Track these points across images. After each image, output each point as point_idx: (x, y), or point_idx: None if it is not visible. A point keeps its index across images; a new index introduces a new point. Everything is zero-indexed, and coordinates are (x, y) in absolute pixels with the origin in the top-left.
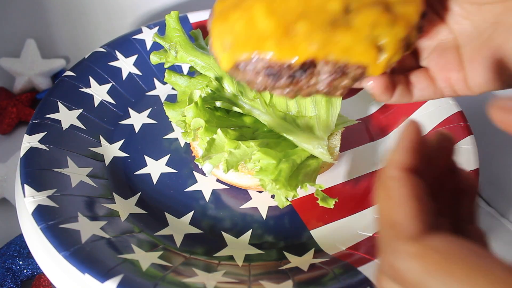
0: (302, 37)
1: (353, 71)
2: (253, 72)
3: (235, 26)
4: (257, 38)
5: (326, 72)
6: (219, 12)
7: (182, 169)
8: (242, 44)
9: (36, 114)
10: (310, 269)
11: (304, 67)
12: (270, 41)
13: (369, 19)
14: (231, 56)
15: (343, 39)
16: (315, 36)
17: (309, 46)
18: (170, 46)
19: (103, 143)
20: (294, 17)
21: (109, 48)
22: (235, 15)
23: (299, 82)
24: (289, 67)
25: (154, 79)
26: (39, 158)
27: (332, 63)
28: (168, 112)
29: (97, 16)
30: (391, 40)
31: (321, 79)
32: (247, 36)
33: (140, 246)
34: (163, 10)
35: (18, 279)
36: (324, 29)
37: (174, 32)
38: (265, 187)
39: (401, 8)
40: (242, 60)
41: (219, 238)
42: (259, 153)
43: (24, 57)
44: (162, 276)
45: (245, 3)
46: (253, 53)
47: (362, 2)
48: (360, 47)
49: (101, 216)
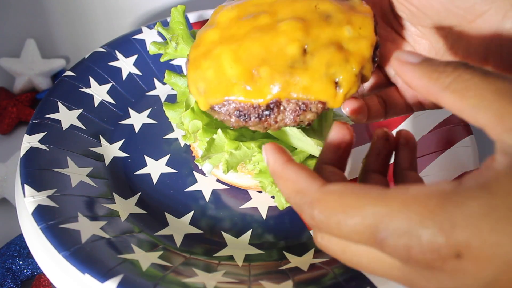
0: (266, 80)
1: (315, 106)
2: (226, 113)
3: (206, 73)
4: (226, 84)
5: (291, 109)
6: (193, 58)
7: (182, 169)
8: (214, 90)
9: (36, 114)
10: (310, 269)
11: (270, 107)
12: (237, 87)
13: (325, 59)
14: (206, 100)
15: (302, 79)
16: (277, 78)
17: (272, 89)
18: (171, 38)
19: (103, 143)
20: (258, 63)
21: (109, 48)
22: (206, 63)
23: (267, 120)
24: (257, 108)
25: (154, 79)
26: (39, 158)
27: (295, 101)
28: (168, 113)
29: (97, 16)
30: (346, 76)
31: (287, 116)
32: (217, 83)
33: (140, 246)
34: (163, 10)
35: (18, 279)
36: (284, 72)
37: (178, 25)
38: (265, 188)
39: (354, 45)
40: (215, 103)
41: (219, 238)
42: (259, 154)
43: (24, 57)
44: (162, 276)
45: (214, 51)
46: (223, 98)
47: (318, 43)
48: (318, 85)
49: (101, 216)
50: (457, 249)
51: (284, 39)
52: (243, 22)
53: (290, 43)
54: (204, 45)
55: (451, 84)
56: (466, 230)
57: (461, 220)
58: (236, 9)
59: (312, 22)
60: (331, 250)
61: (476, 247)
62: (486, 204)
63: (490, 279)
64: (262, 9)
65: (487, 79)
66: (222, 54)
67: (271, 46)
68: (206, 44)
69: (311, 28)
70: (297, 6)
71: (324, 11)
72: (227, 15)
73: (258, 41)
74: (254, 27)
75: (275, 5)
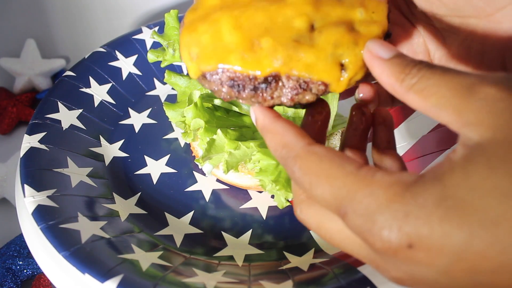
0: (267, 52)
1: (316, 87)
2: (218, 82)
3: (202, 37)
4: (223, 50)
5: (289, 87)
6: (188, 22)
7: (182, 169)
8: (208, 55)
9: (36, 114)
10: (310, 269)
11: (268, 80)
12: (235, 54)
13: (333, 38)
14: (197, 66)
15: (306, 56)
16: (280, 51)
17: (273, 61)
18: (168, 44)
19: (103, 143)
20: (260, 33)
21: (109, 48)
22: (202, 27)
23: (262, 94)
24: (253, 79)
25: (154, 79)
26: (39, 158)
27: (296, 78)
28: (168, 113)
29: (97, 16)
30: (353, 59)
31: (284, 93)
32: (213, 48)
33: (140, 246)
34: (163, 10)
35: (18, 279)
36: (288, 45)
37: (173, 31)
38: (265, 187)
39: (365, 28)
40: (207, 70)
41: (219, 238)
42: (259, 153)
43: (24, 57)
44: (162, 276)
45: (213, 15)
46: (218, 65)
47: (327, 20)
48: (323, 65)
49: (101, 216)
50: (409, 239)
51: (291, 11)
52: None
53: (298, 16)
54: (203, 8)
55: (415, 85)
56: (417, 220)
57: (414, 210)
58: None
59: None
60: (307, 223)
61: (426, 237)
62: (438, 195)
63: (443, 268)
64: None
65: (445, 76)
66: (221, 19)
67: (277, 17)
68: (205, 8)
69: (321, 4)
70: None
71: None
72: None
73: (263, 10)
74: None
75: None
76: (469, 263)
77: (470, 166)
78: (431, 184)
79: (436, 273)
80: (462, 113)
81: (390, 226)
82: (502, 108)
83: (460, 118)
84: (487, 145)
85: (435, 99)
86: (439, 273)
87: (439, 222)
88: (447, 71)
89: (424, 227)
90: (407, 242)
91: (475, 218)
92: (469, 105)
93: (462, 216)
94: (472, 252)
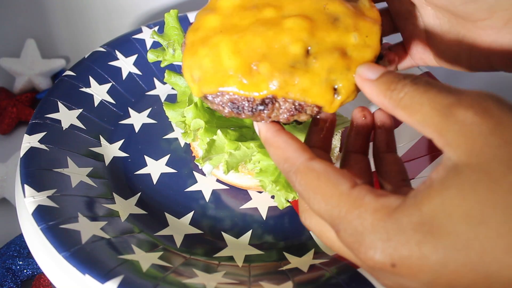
0: (264, 76)
1: (310, 109)
2: (219, 103)
3: (203, 61)
4: (222, 75)
5: (286, 109)
6: (190, 43)
7: (182, 169)
8: (208, 79)
9: (36, 114)
10: (310, 269)
11: (265, 102)
12: (234, 79)
13: (327, 64)
14: (199, 88)
15: (302, 81)
16: (276, 76)
17: (270, 85)
18: (168, 44)
19: (103, 143)
20: (258, 57)
21: (109, 48)
22: (203, 51)
23: (260, 115)
24: (251, 101)
25: (154, 78)
26: (39, 158)
27: (291, 101)
28: (168, 112)
29: (97, 16)
30: (346, 84)
31: (281, 113)
32: (213, 72)
33: (140, 247)
34: (163, 9)
35: (18, 279)
36: (285, 70)
37: (173, 31)
38: (265, 188)
39: (358, 54)
40: (209, 93)
41: (219, 238)
42: (259, 154)
43: (24, 57)
44: (163, 277)
45: (213, 39)
46: (218, 88)
47: (322, 46)
48: (317, 89)
49: (101, 216)
50: (392, 259)
51: (288, 37)
52: (246, 12)
53: (294, 42)
54: (203, 30)
55: (401, 101)
56: (398, 243)
57: (396, 234)
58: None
59: (319, 23)
60: (312, 229)
61: (406, 258)
62: (416, 221)
63: (426, 281)
64: (267, 1)
65: (428, 94)
66: (221, 44)
67: (274, 43)
68: (205, 29)
69: (317, 29)
70: (305, 3)
71: (332, 12)
72: (230, 1)
73: (261, 36)
74: (258, 19)
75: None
76: (446, 280)
77: (445, 192)
78: (410, 210)
79: (421, 285)
80: (443, 133)
81: (375, 248)
82: (477, 133)
83: (441, 138)
84: (462, 169)
85: (420, 117)
86: (423, 285)
87: (417, 245)
88: (429, 88)
89: (404, 250)
90: (390, 262)
91: (449, 242)
92: (448, 126)
93: (437, 239)
94: (448, 271)
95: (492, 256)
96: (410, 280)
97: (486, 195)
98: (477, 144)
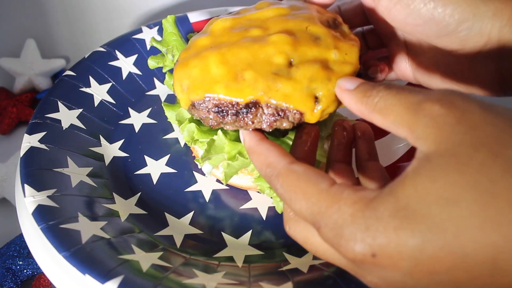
0: (249, 82)
1: (292, 115)
2: (205, 110)
3: (192, 71)
4: (209, 81)
5: (268, 113)
6: (182, 59)
7: (182, 169)
8: (196, 86)
9: (36, 114)
10: (310, 270)
11: (249, 106)
12: (220, 84)
13: (309, 73)
14: (188, 96)
15: (284, 87)
16: (260, 82)
17: (254, 90)
18: (167, 50)
19: (103, 143)
20: (243, 66)
21: (109, 48)
22: (193, 62)
23: (244, 119)
24: (235, 105)
25: (154, 78)
26: (39, 158)
27: (274, 107)
28: (167, 113)
29: (97, 16)
30: (326, 93)
31: (264, 118)
32: (201, 80)
33: (140, 247)
34: (163, 10)
35: (18, 279)
36: (268, 77)
37: (171, 36)
38: (263, 191)
39: (338, 67)
40: (196, 100)
41: (219, 238)
42: None
43: (24, 57)
44: (163, 277)
45: (203, 53)
46: (205, 94)
47: (304, 59)
48: (299, 95)
49: (101, 216)
50: (371, 249)
51: (272, 49)
52: (235, 32)
53: (278, 54)
54: (195, 48)
55: (376, 105)
56: (376, 232)
57: (373, 223)
58: (230, 20)
59: (301, 40)
60: (296, 238)
61: (385, 246)
62: (392, 208)
63: (406, 270)
64: (255, 24)
65: (399, 95)
66: (210, 55)
67: (259, 54)
68: (197, 47)
69: (299, 45)
70: (289, 24)
71: (314, 33)
72: (221, 24)
73: (247, 48)
74: (245, 36)
75: (267, 22)
76: (426, 265)
77: (417, 178)
78: (386, 198)
79: (402, 276)
80: (413, 128)
81: (354, 239)
82: (444, 123)
83: (412, 133)
84: (432, 157)
85: (393, 117)
86: (404, 276)
87: (395, 232)
88: (401, 90)
89: (383, 238)
90: (371, 252)
91: (425, 225)
92: (418, 121)
93: (413, 224)
94: (426, 256)
95: (467, 236)
96: (392, 271)
97: (455, 176)
98: (444, 133)
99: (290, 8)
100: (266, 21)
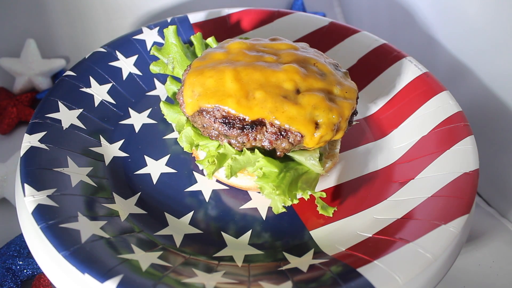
0: (258, 101)
1: (293, 136)
2: (212, 119)
3: (207, 81)
4: (222, 94)
5: (271, 132)
6: (195, 67)
7: (182, 169)
8: (209, 95)
9: (36, 114)
10: (310, 269)
11: (255, 123)
12: (232, 99)
13: (313, 101)
14: (197, 102)
15: (289, 110)
16: (268, 102)
17: (262, 109)
18: (168, 60)
19: (103, 143)
20: (255, 87)
21: (110, 48)
22: (209, 73)
23: (247, 135)
24: (242, 120)
25: (154, 79)
26: (39, 158)
27: (278, 126)
28: (165, 112)
29: (97, 16)
30: (326, 121)
31: (266, 136)
32: (215, 91)
33: (139, 246)
34: (163, 10)
35: (18, 279)
36: (276, 99)
37: (172, 47)
38: (263, 191)
39: (340, 102)
40: (206, 107)
41: (219, 238)
42: (263, 160)
43: (24, 57)
44: (162, 276)
45: (219, 66)
46: (216, 104)
47: (310, 87)
48: (302, 119)
49: (101, 216)
50: None
51: (283, 76)
52: (250, 55)
53: (288, 80)
54: (211, 59)
55: None
56: None
57: None
58: (246, 43)
59: (309, 73)
60: None
61: None
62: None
63: None
64: (269, 51)
65: None
66: (226, 70)
67: (271, 78)
68: (213, 59)
69: (307, 76)
70: (299, 58)
71: (320, 69)
72: (238, 45)
73: (261, 71)
74: (259, 60)
75: (280, 53)
76: None
77: None
78: None
79: None
80: None
81: None
82: None
83: None
84: None
85: None
86: None
87: None
88: None
89: None
90: None
91: None
92: None
93: None
94: None
95: None
96: None
97: None
98: None
99: (300, 47)
100: (279, 51)
